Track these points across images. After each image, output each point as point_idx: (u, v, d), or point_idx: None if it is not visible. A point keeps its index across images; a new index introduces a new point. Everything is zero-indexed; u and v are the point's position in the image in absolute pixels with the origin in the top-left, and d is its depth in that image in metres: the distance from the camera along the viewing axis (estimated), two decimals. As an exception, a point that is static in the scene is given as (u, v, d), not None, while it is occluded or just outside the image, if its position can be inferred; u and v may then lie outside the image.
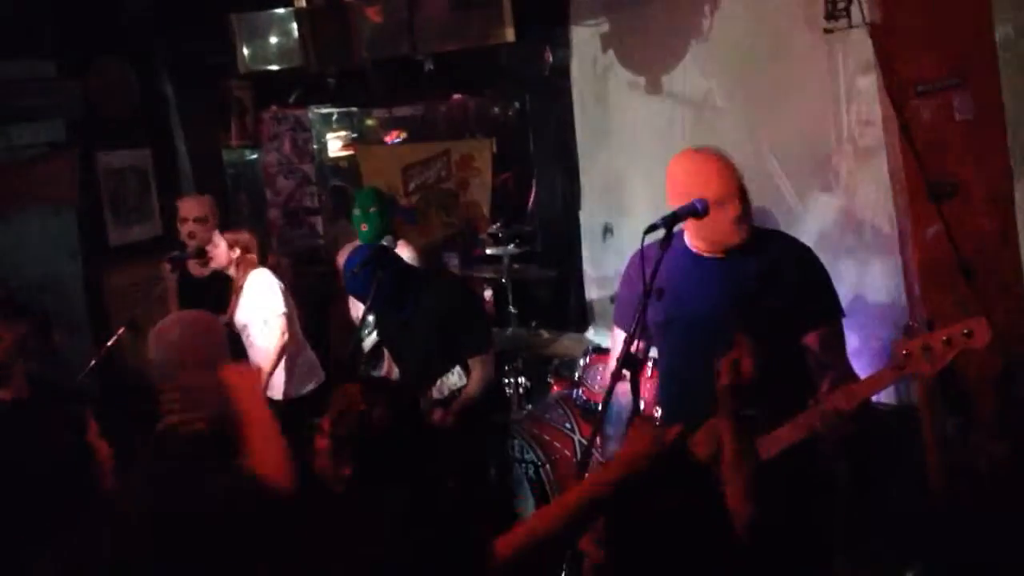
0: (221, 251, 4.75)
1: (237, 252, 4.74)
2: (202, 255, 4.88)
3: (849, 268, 4.21)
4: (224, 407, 2.64)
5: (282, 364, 4.72)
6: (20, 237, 5.33)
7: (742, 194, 2.83)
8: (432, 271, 5.40)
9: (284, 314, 4.65)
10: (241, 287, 4.73)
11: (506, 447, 4.52)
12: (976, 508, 3.38)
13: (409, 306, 4.07)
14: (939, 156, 3.46)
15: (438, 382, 3.96)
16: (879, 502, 3.71)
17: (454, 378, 3.95)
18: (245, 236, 4.80)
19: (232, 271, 4.77)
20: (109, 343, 4.48)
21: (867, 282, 4.22)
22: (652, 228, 2.70)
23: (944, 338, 2.52)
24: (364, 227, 5.02)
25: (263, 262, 4.79)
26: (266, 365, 4.63)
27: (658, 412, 3.26)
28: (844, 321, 3.04)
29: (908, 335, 2.71)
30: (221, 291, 4.80)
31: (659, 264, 2.65)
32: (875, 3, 3.57)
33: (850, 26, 3.57)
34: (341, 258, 5.40)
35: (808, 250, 3.03)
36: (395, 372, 4.43)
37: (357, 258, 4.04)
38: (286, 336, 4.66)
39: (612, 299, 5.10)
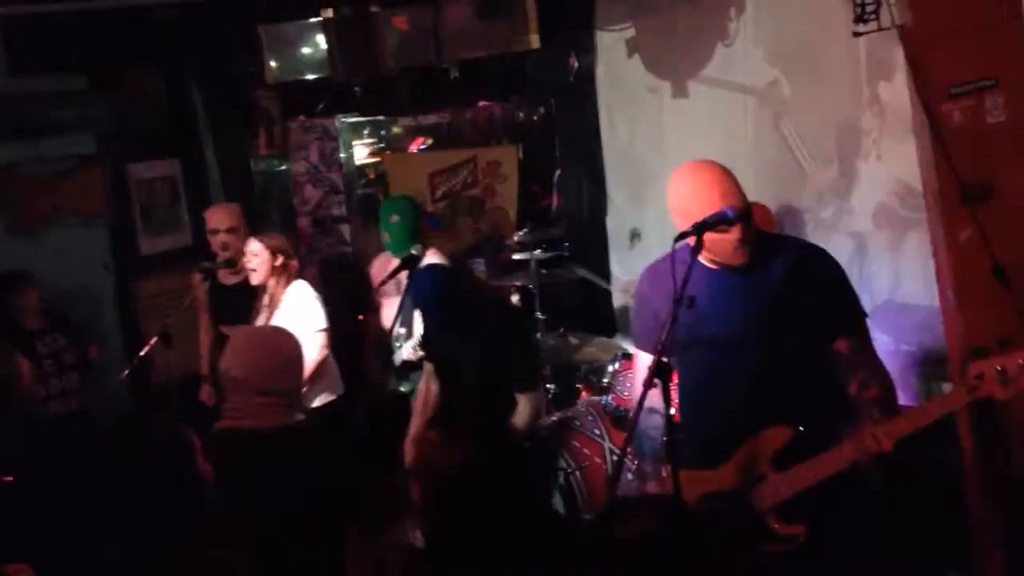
0: (264, 260, 4.58)
1: (280, 259, 4.61)
2: (233, 265, 4.84)
3: (883, 271, 4.19)
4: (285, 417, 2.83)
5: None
6: (52, 249, 5.39)
7: (747, 215, 2.73)
8: (496, 298, 5.38)
9: (325, 329, 4.57)
10: (277, 297, 4.61)
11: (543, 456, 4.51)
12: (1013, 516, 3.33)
13: (470, 329, 4.04)
14: (972, 159, 3.41)
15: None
16: (915, 505, 3.67)
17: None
18: (284, 241, 4.69)
19: (272, 281, 4.62)
20: (141, 352, 4.50)
21: (900, 286, 4.20)
22: (683, 236, 2.67)
23: (1021, 361, 2.41)
24: (387, 236, 5.03)
25: (300, 269, 4.72)
26: None
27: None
28: (876, 324, 3.00)
29: (978, 356, 2.60)
30: (251, 300, 4.77)
31: (690, 272, 2.61)
32: (904, 4, 3.53)
33: (879, 29, 3.53)
34: (373, 269, 5.41)
35: (826, 253, 2.96)
36: (432, 390, 4.38)
37: (430, 279, 4.04)
38: (326, 351, 4.59)
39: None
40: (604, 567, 2.19)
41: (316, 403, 4.67)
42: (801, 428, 2.69)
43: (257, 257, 4.59)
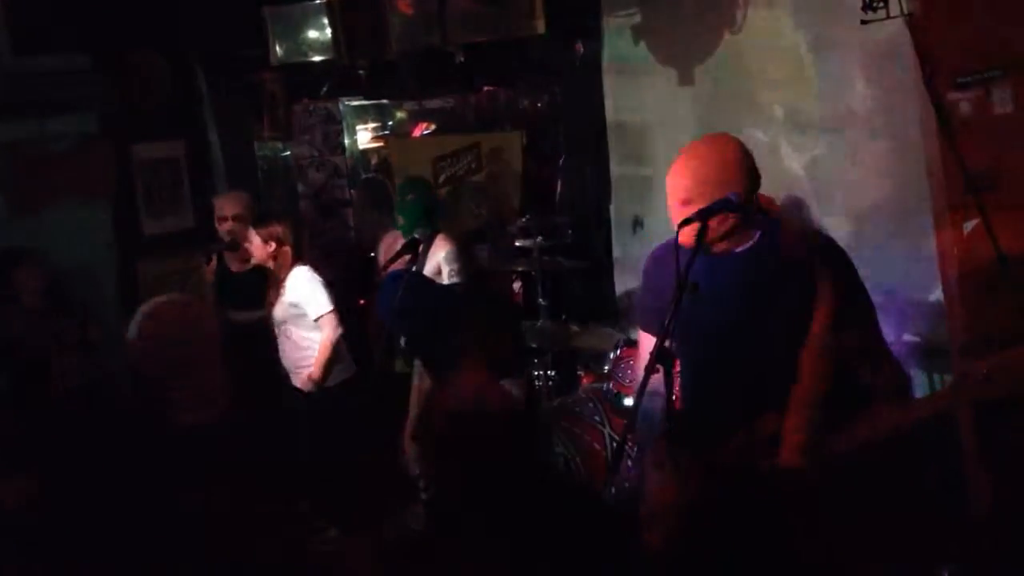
0: (256, 247, 4.68)
1: (272, 246, 4.67)
2: (236, 247, 4.89)
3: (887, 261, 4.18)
4: None
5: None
6: (55, 228, 5.39)
7: (704, 194, 2.71)
8: (474, 288, 5.35)
9: (333, 311, 4.61)
10: (281, 282, 4.67)
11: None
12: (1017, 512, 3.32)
13: (451, 325, 4.03)
14: (978, 149, 3.41)
15: None
16: (913, 501, 3.67)
17: None
18: (277, 229, 4.70)
19: (271, 265, 4.70)
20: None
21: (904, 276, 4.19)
22: (687, 222, 2.66)
23: (1006, 361, 2.48)
24: (400, 220, 5.03)
25: (300, 254, 4.74)
26: (300, 359, 4.65)
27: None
28: (881, 315, 2.98)
29: (964, 352, 2.62)
30: (259, 285, 4.80)
31: (694, 258, 2.61)
32: (913, -6, 3.52)
33: (888, 17, 3.51)
34: (382, 247, 5.41)
35: (832, 241, 2.96)
36: (426, 383, 4.38)
37: (390, 290, 3.99)
38: (340, 331, 4.63)
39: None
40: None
41: (331, 381, 4.72)
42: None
43: (252, 244, 4.71)
